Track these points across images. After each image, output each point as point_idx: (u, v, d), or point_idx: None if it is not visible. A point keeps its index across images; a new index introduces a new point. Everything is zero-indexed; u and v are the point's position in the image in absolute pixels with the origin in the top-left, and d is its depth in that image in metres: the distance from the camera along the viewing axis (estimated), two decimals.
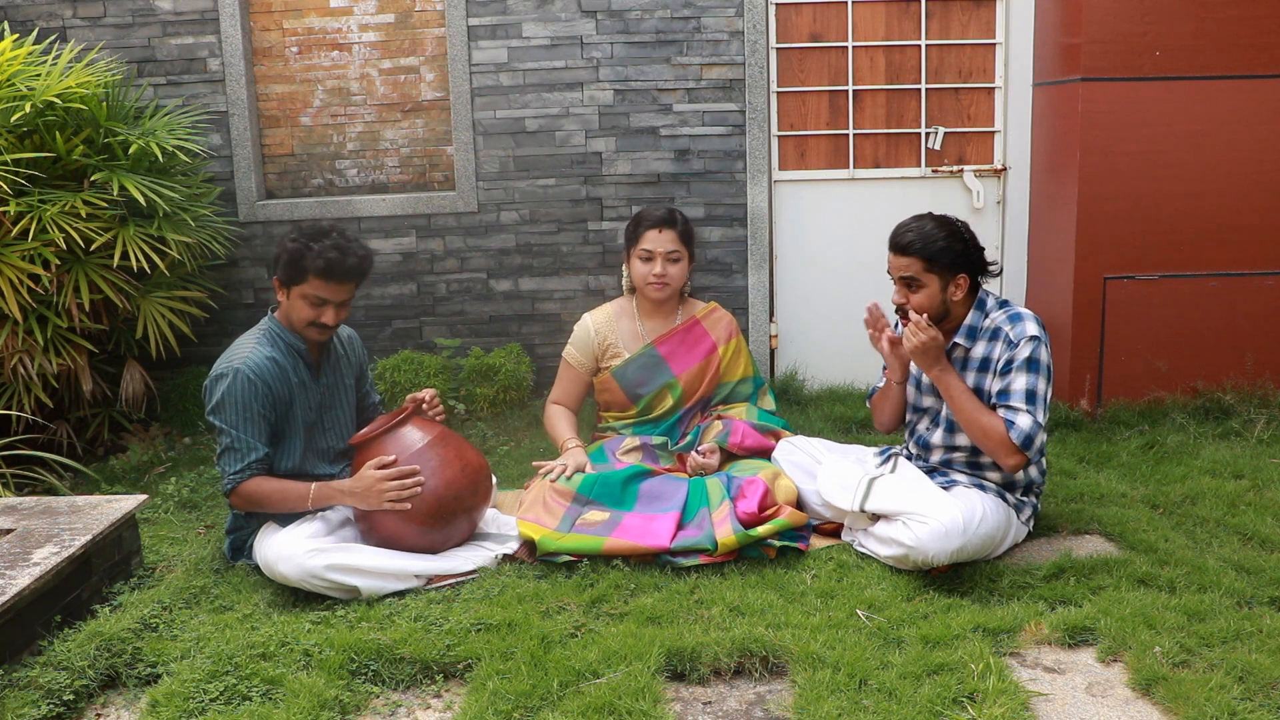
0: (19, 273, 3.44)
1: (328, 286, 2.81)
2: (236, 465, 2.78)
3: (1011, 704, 2.11)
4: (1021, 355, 2.75)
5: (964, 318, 2.88)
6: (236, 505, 2.85)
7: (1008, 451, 2.74)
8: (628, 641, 2.36)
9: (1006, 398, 2.76)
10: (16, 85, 3.52)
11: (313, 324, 2.86)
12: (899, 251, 2.84)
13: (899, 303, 2.88)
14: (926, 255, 2.80)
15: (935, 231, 2.81)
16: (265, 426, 2.81)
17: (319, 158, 4.48)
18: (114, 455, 3.94)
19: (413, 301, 4.45)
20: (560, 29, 4.25)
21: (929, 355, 2.81)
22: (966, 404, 2.79)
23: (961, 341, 2.87)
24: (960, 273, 2.82)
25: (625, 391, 3.49)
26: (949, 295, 2.84)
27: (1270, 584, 2.61)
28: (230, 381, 2.77)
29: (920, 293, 2.83)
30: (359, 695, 2.27)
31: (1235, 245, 4.00)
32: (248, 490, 2.79)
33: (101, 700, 2.31)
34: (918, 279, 2.82)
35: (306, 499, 2.79)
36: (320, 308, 2.84)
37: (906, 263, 2.83)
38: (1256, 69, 3.89)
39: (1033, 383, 2.74)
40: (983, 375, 2.85)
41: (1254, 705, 2.09)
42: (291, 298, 2.85)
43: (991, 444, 2.76)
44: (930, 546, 2.65)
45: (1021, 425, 2.71)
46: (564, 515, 3.00)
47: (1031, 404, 2.73)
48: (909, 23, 4.30)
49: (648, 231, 3.43)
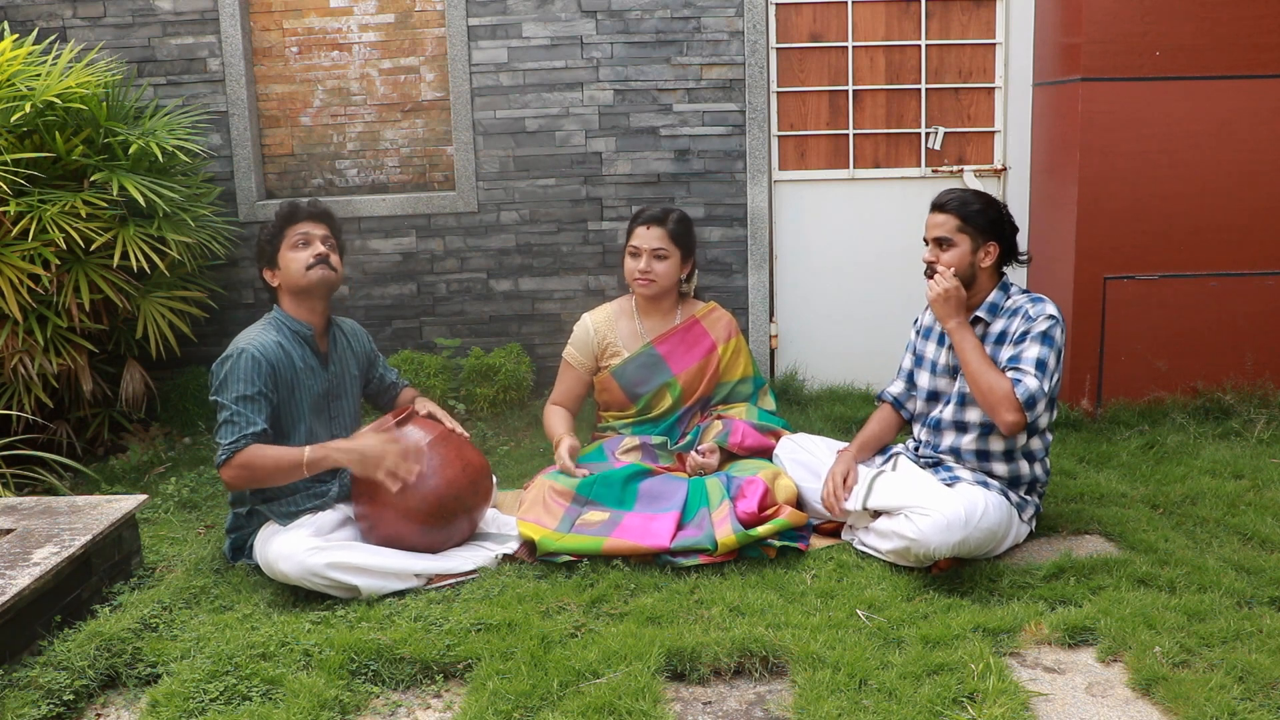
0: (19, 273, 3.44)
1: (303, 225, 2.95)
2: (231, 436, 2.71)
3: (1011, 704, 2.11)
4: (1038, 328, 2.81)
5: (988, 292, 2.94)
6: (231, 482, 2.75)
7: (1009, 407, 2.75)
8: (628, 641, 2.36)
9: (1017, 361, 2.81)
10: (16, 85, 3.52)
11: (311, 265, 2.91)
12: (937, 209, 2.95)
13: (929, 260, 2.95)
14: (962, 214, 2.89)
15: (973, 198, 2.92)
16: (266, 405, 2.78)
17: (319, 158, 4.48)
18: (114, 455, 3.94)
19: (413, 301, 4.45)
20: (560, 29, 4.25)
21: (950, 304, 2.88)
22: (976, 358, 2.83)
23: (983, 315, 2.93)
24: (991, 240, 2.90)
25: (624, 391, 3.50)
26: (978, 259, 2.90)
27: (1270, 584, 2.61)
28: (235, 359, 2.78)
29: (950, 251, 2.91)
30: (359, 695, 2.27)
31: (1235, 245, 4.00)
32: (243, 459, 2.70)
33: (101, 700, 2.31)
34: (950, 238, 2.90)
35: (301, 463, 2.73)
36: (308, 247, 2.93)
37: (942, 219, 2.92)
38: (1256, 69, 3.89)
39: (1044, 354, 2.78)
40: (998, 348, 2.89)
41: (1254, 705, 2.09)
42: (282, 261, 2.93)
43: (994, 398, 2.77)
44: (932, 539, 2.65)
45: (1028, 384, 2.74)
46: (564, 515, 3.00)
47: (1041, 371, 2.76)
48: (909, 23, 4.30)
49: (637, 228, 3.45)
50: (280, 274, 2.95)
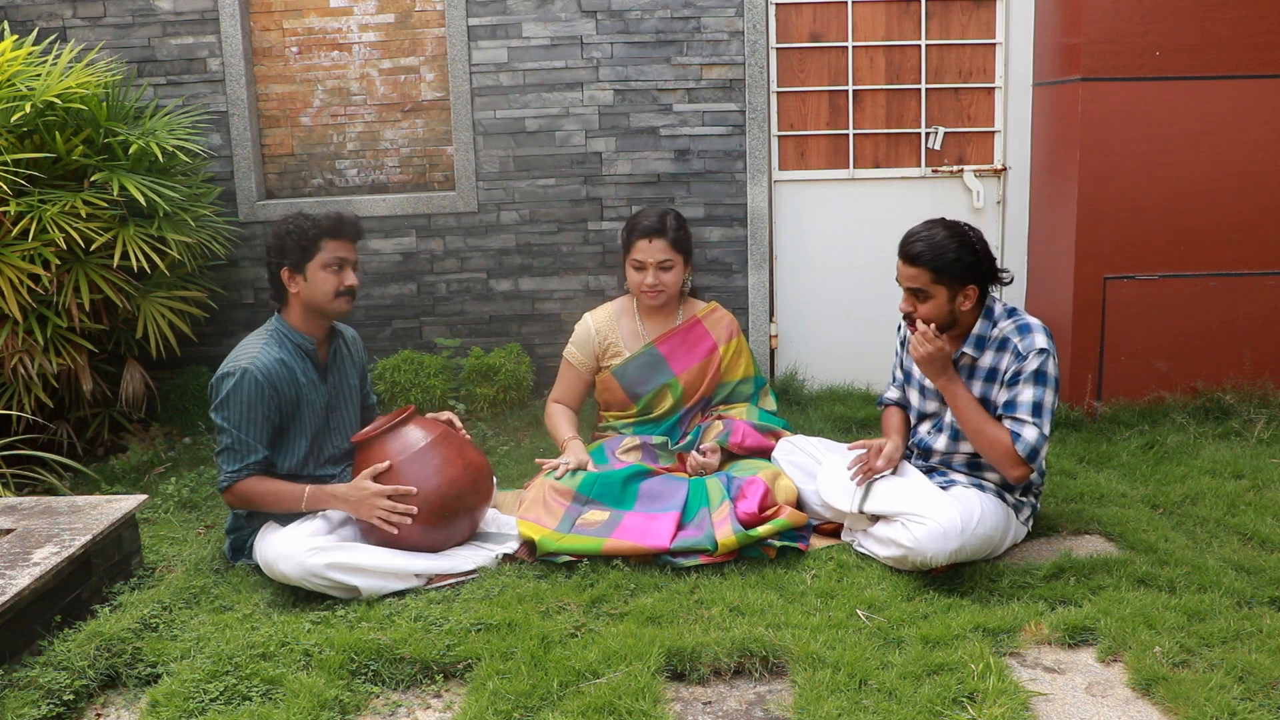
0: (19, 273, 3.44)
1: (342, 245, 2.90)
2: (234, 465, 2.79)
3: (1011, 704, 2.11)
4: (1030, 368, 2.74)
5: (972, 326, 2.85)
6: (232, 504, 2.86)
7: (1013, 463, 2.73)
8: (628, 641, 2.36)
9: (1013, 409, 2.74)
10: (16, 85, 3.52)
11: (339, 293, 2.89)
12: (908, 261, 2.78)
13: (906, 310, 2.85)
14: (935, 267, 2.74)
15: (946, 242, 2.75)
16: (267, 429, 2.81)
17: (319, 158, 4.48)
18: (114, 455, 3.94)
19: (413, 301, 4.45)
20: (560, 29, 4.25)
21: (935, 365, 2.80)
22: (973, 414, 2.78)
23: (969, 351, 2.85)
24: (969, 284, 2.78)
25: (625, 390, 3.50)
26: (957, 305, 2.80)
27: (1270, 584, 2.61)
28: (237, 380, 2.77)
29: (928, 303, 2.79)
30: (359, 695, 2.27)
31: (1235, 245, 4.00)
32: (243, 490, 2.80)
33: (101, 700, 2.31)
34: (925, 290, 2.78)
35: (300, 501, 2.80)
36: (341, 271, 2.89)
37: (915, 273, 2.77)
38: (1256, 69, 3.89)
39: (1039, 395, 2.73)
40: (989, 385, 2.83)
41: (1254, 705, 2.09)
42: (310, 276, 2.87)
43: (996, 455, 2.76)
44: (929, 547, 2.65)
45: (1027, 438, 2.70)
46: (564, 515, 3.00)
47: (1038, 416, 2.71)
48: (909, 23, 4.30)
49: (638, 241, 3.41)
50: (303, 285, 2.88)
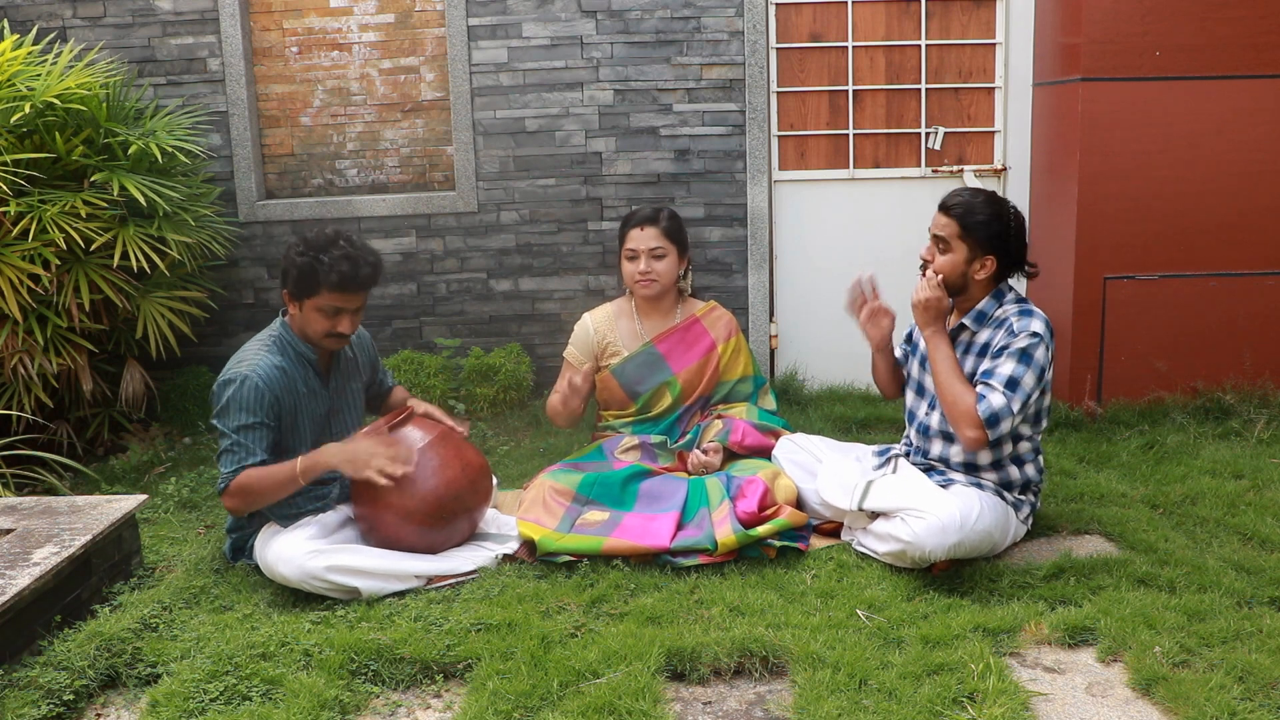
0: (19, 273, 3.44)
1: (342, 297, 2.80)
2: (231, 466, 2.74)
3: (1011, 704, 2.11)
4: (1017, 345, 2.73)
5: (979, 301, 2.88)
6: (231, 507, 2.79)
7: (970, 423, 2.70)
8: (628, 641, 2.36)
9: (988, 376, 2.74)
10: (16, 85, 3.53)
11: (329, 334, 2.84)
12: (942, 210, 2.87)
13: (925, 258, 2.91)
14: (964, 222, 2.82)
15: (983, 206, 2.82)
16: (267, 435, 2.78)
17: (319, 158, 4.48)
18: (114, 455, 3.94)
19: (413, 301, 4.45)
20: (560, 29, 4.25)
21: (928, 312, 2.84)
22: (945, 368, 2.79)
23: (969, 324, 2.87)
24: (990, 254, 2.82)
25: (624, 389, 3.50)
26: (971, 270, 2.84)
27: (1270, 584, 2.61)
28: (238, 387, 2.74)
29: (947, 256, 2.85)
30: (359, 695, 2.27)
31: (1235, 245, 4.00)
32: (239, 484, 2.72)
33: (101, 700, 2.31)
34: (948, 241, 2.84)
35: (295, 475, 2.72)
36: (335, 318, 2.82)
37: (944, 222, 2.85)
38: (1256, 69, 3.89)
39: (1019, 372, 2.71)
40: (980, 359, 2.84)
41: (1254, 705, 2.09)
42: (305, 311, 2.82)
43: (957, 412, 2.74)
44: (928, 542, 2.64)
45: (992, 402, 2.69)
46: (564, 515, 3.00)
47: (1010, 390, 2.70)
48: (909, 23, 4.30)
49: (631, 230, 3.45)
50: (297, 314, 2.85)
